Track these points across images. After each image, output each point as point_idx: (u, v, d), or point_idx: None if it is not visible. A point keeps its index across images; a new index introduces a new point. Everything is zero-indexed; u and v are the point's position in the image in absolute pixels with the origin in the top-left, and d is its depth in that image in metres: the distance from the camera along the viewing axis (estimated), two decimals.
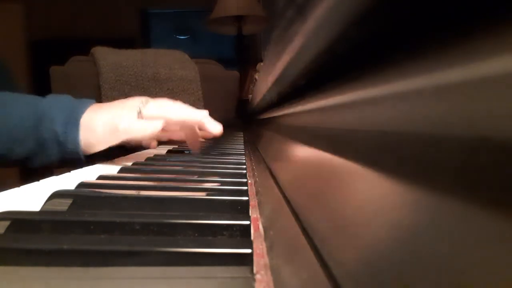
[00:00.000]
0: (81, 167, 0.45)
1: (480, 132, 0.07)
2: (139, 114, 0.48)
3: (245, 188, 0.32)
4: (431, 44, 0.10)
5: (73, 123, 0.47)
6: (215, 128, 0.55)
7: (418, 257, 0.08)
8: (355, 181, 0.14)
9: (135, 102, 0.49)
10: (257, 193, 0.30)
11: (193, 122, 0.54)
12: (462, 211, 0.08)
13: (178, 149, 0.70)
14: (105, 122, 0.47)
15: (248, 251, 0.18)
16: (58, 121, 0.47)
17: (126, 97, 0.52)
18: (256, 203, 0.27)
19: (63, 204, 0.27)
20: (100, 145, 0.48)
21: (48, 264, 0.18)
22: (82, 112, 0.48)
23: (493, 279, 0.06)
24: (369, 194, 0.12)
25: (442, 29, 0.10)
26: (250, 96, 1.29)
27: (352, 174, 0.15)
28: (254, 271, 0.17)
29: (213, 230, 0.22)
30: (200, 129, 0.55)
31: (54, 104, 0.48)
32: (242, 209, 0.27)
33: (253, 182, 0.35)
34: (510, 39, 0.07)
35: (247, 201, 0.27)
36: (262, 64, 0.82)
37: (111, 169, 0.43)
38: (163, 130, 0.50)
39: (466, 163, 0.08)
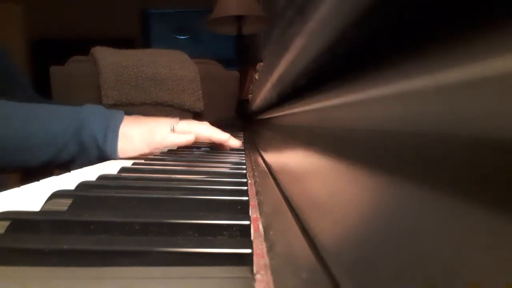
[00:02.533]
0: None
1: (480, 132, 0.07)
2: (172, 130, 0.58)
3: (245, 188, 0.32)
4: (430, 44, 0.10)
5: (113, 131, 0.56)
6: (236, 144, 0.66)
7: (419, 258, 0.09)
8: (355, 181, 0.14)
9: (168, 120, 0.59)
10: (257, 193, 0.30)
11: (218, 140, 0.64)
12: (462, 211, 0.08)
13: (178, 149, 0.70)
14: (142, 134, 0.56)
15: (248, 251, 0.18)
16: (98, 129, 0.55)
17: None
18: (256, 203, 0.27)
19: (63, 204, 0.27)
20: (135, 152, 0.57)
21: (48, 264, 0.18)
22: (120, 122, 0.56)
23: (493, 279, 0.06)
24: (369, 194, 0.12)
25: (442, 29, 0.10)
26: (250, 96, 1.29)
27: (352, 174, 0.15)
28: (254, 271, 0.17)
29: (213, 230, 0.22)
30: (223, 145, 0.66)
31: (92, 113, 0.56)
32: (242, 209, 0.27)
33: (253, 182, 0.35)
34: (510, 39, 0.07)
35: (247, 201, 0.27)
36: (262, 64, 0.82)
37: (111, 169, 0.43)
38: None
39: (466, 163, 0.08)
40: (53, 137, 0.54)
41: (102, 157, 0.56)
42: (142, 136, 0.56)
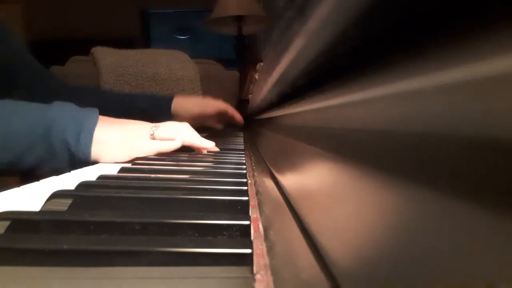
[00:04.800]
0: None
1: (480, 132, 0.07)
2: (152, 135, 0.53)
3: (245, 188, 0.32)
4: (430, 44, 0.10)
5: (87, 134, 0.49)
6: (216, 149, 0.64)
7: (420, 259, 0.08)
8: (355, 181, 0.14)
9: (147, 124, 0.55)
10: (257, 193, 0.30)
11: (201, 148, 0.61)
12: (462, 211, 0.08)
13: (178, 149, 0.70)
14: (120, 139, 0.51)
15: (248, 251, 0.18)
16: (69, 131, 0.49)
17: None
18: (256, 203, 0.27)
19: (63, 204, 0.27)
20: (111, 160, 0.51)
21: (48, 264, 0.18)
22: (95, 123, 0.50)
23: (493, 280, 0.06)
24: (369, 194, 0.12)
25: (441, 29, 0.10)
26: (250, 96, 1.29)
27: (352, 173, 0.15)
28: (254, 271, 0.17)
29: (213, 230, 0.22)
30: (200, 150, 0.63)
31: (62, 112, 0.50)
32: (242, 209, 0.27)
33: (253, 182, 0.35)
34: (510, 39, 0.07)
35: (247, 201, 0.27)
36: (262, 64, 0.82)
37: (111, 169, 0.43)
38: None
39: (466, 163, 0.08)
40: (16, 138, 0.47)
41: (73, 163, 0.50)
42: (120, 142, 0.51)
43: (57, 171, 0.47)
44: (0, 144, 0.47)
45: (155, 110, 0.94)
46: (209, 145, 0.60)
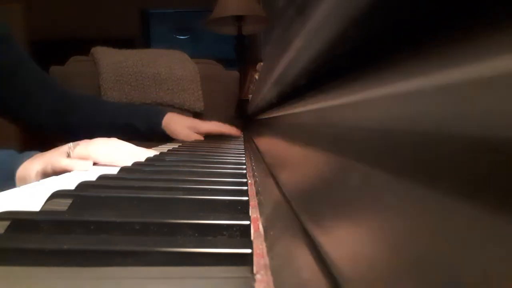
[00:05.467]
0: None
1: (481, 132, 0.07)
2: (68, 155, 0.55)
3: (245, 188, 0.32)
4: (430, 44, 0.10)
5: (10, 178, 0.53)
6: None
7: (420, 261, 0.08)
8: (355, 181, 0.14)
9: (65, 147, 0.57)
10: (257, 193, 0.30)
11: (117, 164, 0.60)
12: (462, 211, 0.08)
13: (178, 149, 0.70)
14: (37, 169, 0.53)
15: (248, 251, 0.18)
16: None
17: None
18: (256, 203, 0.27)
19: (63, 204, 0.27)
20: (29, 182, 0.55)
21: (48, 264, 0.18)
22: (19, 165, 0.54)
23: (492, 280, 0.06)
24: (370, 194, 0.12)
25: (441, 29, 0.10)
26: (250, 96, 1.29)
27: (352, 173, 0.15)
28: (254, 271, 0.17)
29: (213, 230, 0.22)
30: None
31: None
32: (242, 209, 0.27)
33: (253, 182, 0.35)
34: (510, 39, 0.07)
35: (247, 201, 0.27)
36: (262, 64, 0.82)
37: (111, 169, 0.43)
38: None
39: (466, 163, 0.08)
40: None
41: None
42: (36, 172, 0.54)
43: None
44: None
45: (145, 126, 0.96)
46: (121, 162, 0.57)
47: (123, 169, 0.43)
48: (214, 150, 0.68)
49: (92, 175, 0.37)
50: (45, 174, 0.53)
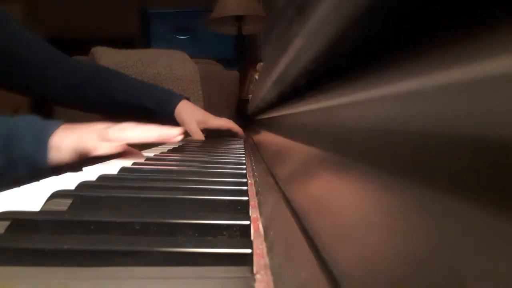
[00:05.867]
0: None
1: (480, 133, 0.07)
2: (102, 137, 0.56)
3: (245, 188, 0.32)
4: (429, 44, 0.10)
5: (43, 144, 0.54)
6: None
7: (421, 263, 0.08)
8: (356, 181, 0.14)
9: (99, 126, 0.58)
10: (257, 193, 0.30)
11: (151, 141, 0.63)
12: (462, 211, 0.08)
13: (178, 149, 0.70)
14: (72, 143, 0.55)
15: (248, 251, 0.18)
16: (28, 141, 0.53)
17: None
18: (256, 203, 0.27)
19: (63, 204, 0.27)
20: (62, 163, 0.55)
21: (48, 264, 0.18)
22: (52, 133, 0.55)
23: (493, 280, 0.06)
24: (370, 194, 0.12)
25: (441, 29, 0.10)
26: (250, 96, 1.29)
27: (352, 173, 0.15)
28: (254, 271, 0.17)
29: (213, 230, 0.22)
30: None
31: (23, 124, 0.54)
32: (242, 209, 0.27)
33: (253, 182, 0.35)
34: (510, 39, 0.07)
35: (247, 201, 0.27)
36: (262, 64, 0.82)
37: (111, 169, 0.43)
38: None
39: (465, 164, 0.08)
40: None
41: (32, 169, 0.54)
42: (72, 146, 0.55)
43: (19, 182, 0.47)
44: None
45: (159, 109, 0.95)
46: (153, 135, 0.61)
47: (123, 169, 0.43)
48: (214, 150, 0.68)
49: (92, 175, 0.37)
50: (76, 152, 0.54)
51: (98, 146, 0.55)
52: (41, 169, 0.54)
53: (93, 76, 0.95)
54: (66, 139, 0.55)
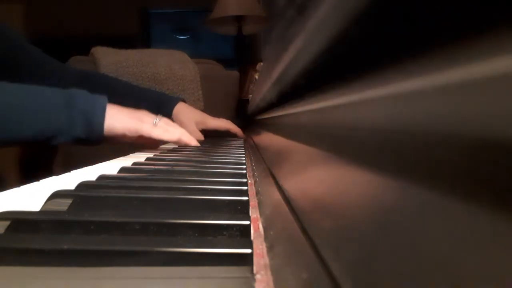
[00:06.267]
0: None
1: (480, 133, 0.07)
2: (155, 124, 0.63)
3: (245, 188, 0.32)
4: (429, 44, 0.10)
5: (101, 108, 0.60)
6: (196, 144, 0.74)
7: (421, 264, 0.08)
8: (355, 180, 0.14)
9: (151, 115, 0.65)
10: (257, 193, 0.30)
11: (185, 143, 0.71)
12: (462, 211, 0.08)
13: (178, 149, 0.70)
14: (127, 115, 0.61)
15: (248, 251, 0.18)
16: (86, 105, 0.59)
17: None
18: (256, 203, 0.27)
19: (63, 204, 0.27)
20: (122, 129, 0.61)
21: (48, 264, 0.18)
22: (106, 102, 0.60)
23: (492, 280, 0.06)
24: (370, 194, 0.12)
25: (441, 29, 0.10)
26: (250, 96, 1.29)
27: (352, 173, 0.15)
28: (254, 271, 0.17)
29: (213, 230, 0.22)
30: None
31: (78, 92, 0.60)
32: (242, 209, 0.27)
33: (253, 182, 0.35)
34: (510, 39, 0.07)
35: (247, 201, 0.27)
36: (262, 64, 0.82)
37: (111, 169, 0.43)
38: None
39: (466, 164, 0.08)
40: (45, 109, 0.57)
41: (89, 135, 0.60)
42: (125, 119, 0.61)
43: (76, 141, 0.58)
44: (34, 113, 0.56)
45: (155, 112, 0.97)
46: (194, 142, 0.70)
47: (123, 169, 0.43)
48: (214, 150, 0.68)
49: (92, 175, 0.37)
50: (129, 126, 0.60)
51: (153, 128, 0.61)
52: (96, 134, 0.60)
53: (85, 80, 0.98)
54: (121, 112, 0.61)
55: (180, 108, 0.98)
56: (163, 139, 0.64)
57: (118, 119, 0.61)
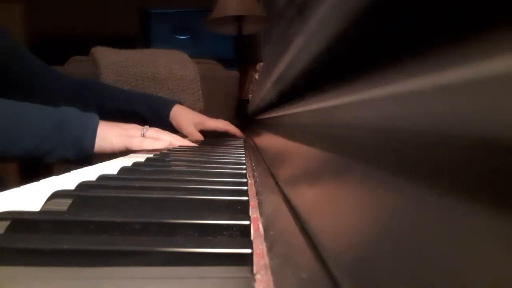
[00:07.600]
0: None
1: (480, 133, 0.07)
2: (143, 135, 0.66)
3: (245, 188, 0.32)
4: (430, 44, 0.10)
5: (91, 131, 0.62)
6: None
7: (422, 264, 0.08)
8: (355, 181, 0.14)
9: (138, 126, 0.68)
10: (257, 193, 0.30)
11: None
12: (462, 211, 0.08)
13: (178, 149, 0.70)
14: (119, 136, 0.64)
15: (248, 251, 0.18)
16: (78, 126, 0.61)
17: None
18: (256, 203, 0.27)
19: (63, 204, 0.27)
20: (111, 150, 0.64)
21: (48, 264, 0.18)
22: (97, 123, 0.63)
23: (493, 280, 0.06)
24: (370, 194, 0.12)
25: (441, 29, 0.10)
26: (250, 96, 1.29)
27: (352, 174, 0.15)
28: (254, 271, 0.17)
29: (213, 230, 0.22)
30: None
31: (70, 111, 0.62)
32: (242, 209, 0.27)
33: (253, 182, 0.35)
34: (510, 39, 0.07)
35: (247, 201, 0.27)
36: (262, 64, 0.82)
37: (111, 169, 0.43)
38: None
39: (465, 164, 0.08)
40: (35, 129, 0.59)
41: (79, 154, 0.62)
42: (116, 137, 0.64)
43: (65, 161, 0.60)
44: (27, 131, 0.58)
45: (153, 116, 1.00)
46: (186, 142, 0.73)
47: (123, 169, 0.43)
48: (214, 150, 0.68)
49: (92, 175, 0.37)
50: (119, 143, 0.63)
51: (143, 141, 0.64)
52: (86, 155, 0.62)
53: (83, 88, 0.99)
54: (112, 130, 0.64)
55: (177, 110, 0.98)
56: (155, 148, 0.66)
57: (108, 139, 0.63)
